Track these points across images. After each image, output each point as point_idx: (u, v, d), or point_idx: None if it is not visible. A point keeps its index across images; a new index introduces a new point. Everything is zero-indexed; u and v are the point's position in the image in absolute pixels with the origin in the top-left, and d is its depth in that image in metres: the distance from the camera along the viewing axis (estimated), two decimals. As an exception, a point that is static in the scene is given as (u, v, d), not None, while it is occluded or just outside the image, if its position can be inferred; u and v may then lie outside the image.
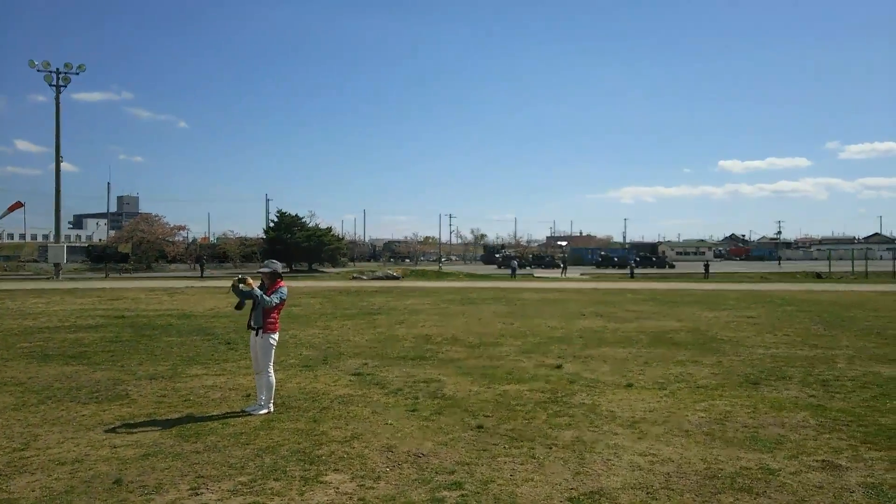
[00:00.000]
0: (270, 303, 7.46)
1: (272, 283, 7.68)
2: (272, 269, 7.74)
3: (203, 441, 6.35)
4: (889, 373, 9.80)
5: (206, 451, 6.02)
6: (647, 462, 5.72)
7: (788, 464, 5.64)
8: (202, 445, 6.21)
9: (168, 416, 7.38)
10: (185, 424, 6.99)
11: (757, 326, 15.90)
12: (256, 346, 7.56)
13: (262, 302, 7.42)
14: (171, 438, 6.42)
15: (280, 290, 7.62)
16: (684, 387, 8.94)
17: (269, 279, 7.71)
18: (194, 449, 6.09)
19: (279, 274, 7.81)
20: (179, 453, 5.93)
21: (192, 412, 7.56)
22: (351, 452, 6.00)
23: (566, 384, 9.09)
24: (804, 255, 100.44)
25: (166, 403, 7.99)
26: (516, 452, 5.99)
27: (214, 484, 5.15)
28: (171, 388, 8.89)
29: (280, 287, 7.66)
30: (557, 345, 12.86)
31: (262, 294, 7.44)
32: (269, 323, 7.53)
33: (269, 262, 7.87)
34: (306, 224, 60.18)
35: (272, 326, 7.57)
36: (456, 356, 11.55)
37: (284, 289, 7.71)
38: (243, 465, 5.63)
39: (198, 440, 6.38)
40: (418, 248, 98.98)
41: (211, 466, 5.57)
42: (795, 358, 11.27)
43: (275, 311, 7.60)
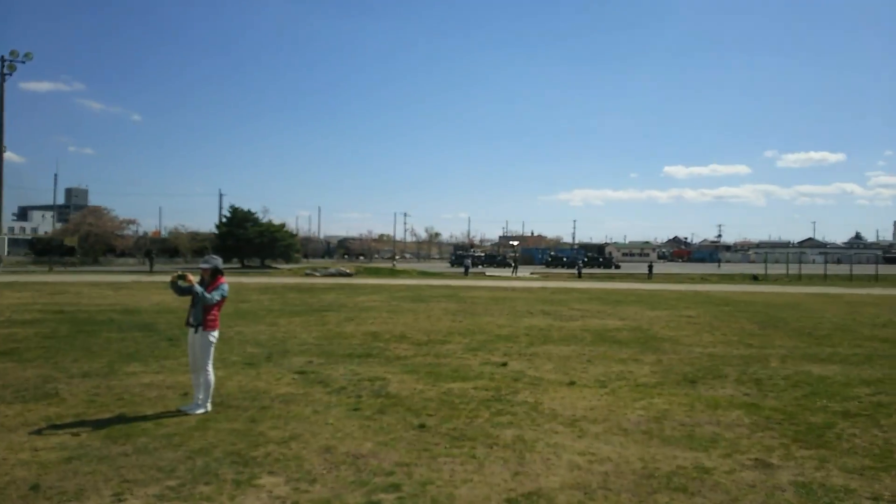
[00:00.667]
0: (211, 299, 7.25)
1: (213, 280, 7.46)
2: (213, 265, 7.53)
3: (133, 443, 6.12)
4: (819, 372, 10.15)
5: (134, 454, 5.80)
6: (585, 461, 5.76)
7: (722, 462, 5.76)
8: (131, 447, 5.98)
9: (98, 416, 7.09)
10: (116, 425, 6.72)
11: (696, 326, 16.30)
12: (195, 344, 7.35)
13: (202, 298, 7.21)
14: (98, 440, 6.16)
15: (221, 287, 7.42)
16: (625, 385, 9.07)
17: (209, 275, 7.50)
18: (122, 451, 5.86)
19: (220, 270, 7.60)
20: (106, 456, 5.69)
21: (125, 412, 7.29)
22: (288, 454, 5.86)
23: (510, 382, 9.12)
24: (742, 258, 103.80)
25: (98, 403, 7.67)
26: (457, 452, 5.96)
27: (140, 489, 4.96)
28: (105, 387, 8.56)
29: (221, 283, 7.45)
30: (504, 343, 12.92)
31: (202, 290, 7.23)
32: (209, 320, 7.32)
33: (209, 258, 7.65)
34: (259, 220, 59.31)
35: (212, 324, 7.36)
36: (403, 354, 11.48)
37: (226, 285, 7.51)
38: (173, 468, 5.44)
39: (127, 442, 6.14)
40: (373, 246, 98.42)
41: (138, 470, 5.36)
42: (731, 357, 11.57)
43: (215, 308, 7.40)
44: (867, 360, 11.27)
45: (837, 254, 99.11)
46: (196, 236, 66.26)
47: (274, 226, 59.46)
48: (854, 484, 5.25)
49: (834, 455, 6.00)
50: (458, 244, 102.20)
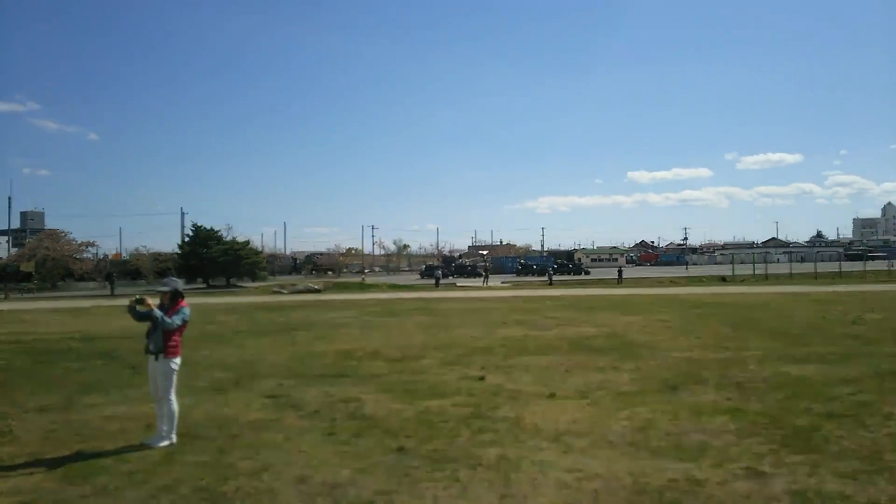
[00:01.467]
0: (172, 324, 6.88)
1: (173, 303, 7.09)
2: (173, 288, 7.16)
3: (92, 483, 5.71)
4: (798, 373, 10.11)
5: (93, 496, 5.41)
6: (574, 479, 5.53)
7: (714, 473, 5.58)
8: (90, 488, 5.58)
9: (55, 454, 6.63)
10: (74, 463, 6.30)
11: (671, 330, 16.27)
12: (156, 373, 6.95)
13: (162, 324, 6.83)
14: (54, 482, 5.74)
15: (182, 311, 7.05)
16: (606, 394, 8.89)
17: (169, 299, 7.12)
18: (80, 493, 5.46)
19: (181, 293, 7.23)
20: (62, 499, 5.29)
21: (84, 448, 6.85)
22: (260, 487, 5.53)
23: (490, 397, 8.88)
24: (709, 260, 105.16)
25: (55, 439, 7.21)
26: (439, 476, 5.68)
27: (101, 534, 4.59)
28: (63, 421, 8.08)
29: (182, 307, 7.08)
30: (480, 355, 12.68)
31: (162, 315, 6.85)
32: (170, 346, 6.94)
33: (168, 280, 7.28)
34: (223, 238, 58.24)
35: (174, 350, 6.98)
36: (377, 372, 11.16)
37: (187, 309, 7.14)
38: (137, 508, 5.07)
39: (85, 482, 5.74)
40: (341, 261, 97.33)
41: (99, 513, 4.99)
42: (709, 361, 11.50)
43: (176, 333, 7.02)
44: (843, 359, 11.28)
45: (801, 252, 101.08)
46: (158, 257, 64.86)
47: (238, 243, 58.48)
48: (849, 489, 5.11)
49: (825, 459, 5.86)
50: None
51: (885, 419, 7.23)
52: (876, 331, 15.13)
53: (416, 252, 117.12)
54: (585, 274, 68.27)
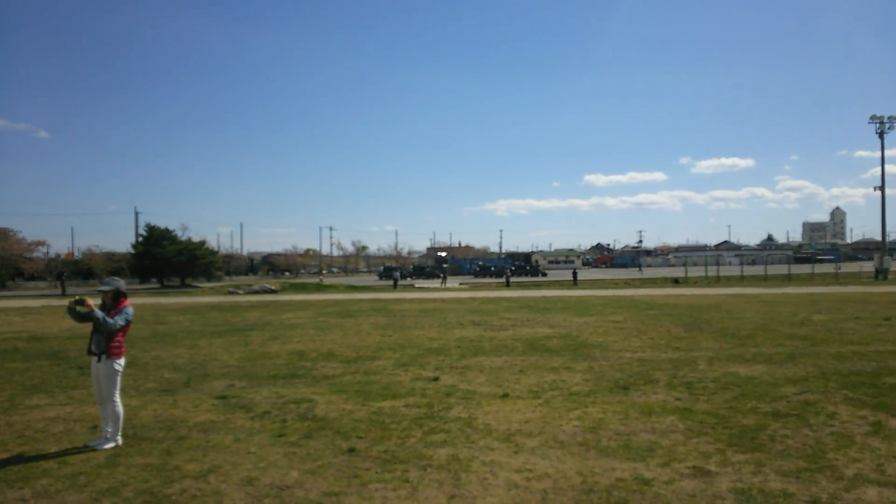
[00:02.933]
0: (114, 325, 6.67)
1: (115, 303, 6.87)
2: (114, 287, 6.94)
3: (32, 486, 5.50)
4: (746, 373, 10.34)
5: (33, 499, 5.20)
6: (523, 479, 5.53)
7: (661, 472, 5.65)
8: (30, 491, 5.37)
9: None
10: (14, 466, 6.07)
11: (624, 331, 16.49)
12: (99, 374, 6.74)
13: (103, 324, 6.61)
14: (-13, 487, 5.50)
15: (125, 311, 6.84)
16: (558, 395, 8.94)
17: (111, 298, 6.90)
18: (19, 497, 5.25)
19: (123, 293, 7.02)
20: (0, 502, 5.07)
21: (25, 450, 6.61)
22: (206, 489, 5.38)
23: (443, 397, 8.84)
24: (663, 262, 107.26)
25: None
26: (389, 477, 5.62)
27: (34, 541, 4.40)
28: (4, 423, 7.82)
29: (125, 307, 6.87)
30: (435, 356, 12.64)
31: (104, 316, 6.64)
32: (113, 347, 6.73)
33: (110, 280, 7.05)
34: (178, 237, 57.14)
35: (117, 351, 6.78)
36: (331, 372, 11.02)
37: (130, 309, 6.92)
38: (74, 513, 4.88)
39: (25, 485, 5.52)
40: (298, 261, 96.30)
41: (33, 518, 4.79)
42: (661, 361, 11.68)
43: (119, 334, 6.81)
44: (790, 359, 11.58)
45: (752, 255, 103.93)
46: (112, 256, 63.49)
47: (193, 243, 57.39)
48: (792, 488, 5.22)
49: (769, 458, 5.99)
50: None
51: (828, 418, 7.42)
52: (822, 331, 15.59)
53: (375, 253, 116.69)
54: (542, 276, 68.92)
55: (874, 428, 6.96)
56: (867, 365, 10.87)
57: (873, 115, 56.44)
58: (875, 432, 6.80)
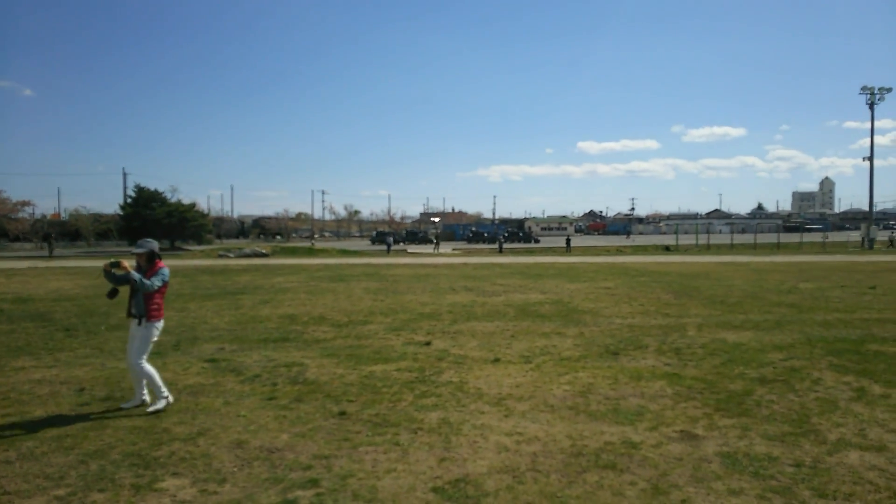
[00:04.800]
0: (152, 286, 6.60)
1: (150, 265, 6.82)
2: (148, 249, 6.86)
3: (17, 448, 5.49)
4: (734, 339, 10.41)
5: (18, 461, 5.19)
6: (513, 442, 5.57)
7: (649, 436, 5.70)
8: (15, 453, 5.36)
9: (-23, 419, 6.36)
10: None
11: (614, 297, 16.56)
12: (136, 336, 6.71)
13: (141, 286, 6.54)
14: (-26, 448, 5.49)
15: (161, 272, 6.77)
16: (549, 360, 8.98)
17: (145, 260, 6.84)
18: (4, 458, 5.24)
19: (157, 254, 6.94)
20: (-18, 466, 5.06)
21: (10, 413, 6.59)
22: (195, 451, 5.39)
23: (434, 362, 8.87)
24: (654, 230, 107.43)
25: (-22, 404, 6.90)
26: (380, 440, 5.64)
27: (23, 501, 4.40)
28: (-12, 386, 7.76)
29: (160, 268, 6.80)
30: (427, 321, 12.66)
31: (140, 277, 6.56)
32: (152, 310, 6.69)
33: (143, 242, 6.95)
34: (167, 199, 56.57)
35: (156, 313, 6.74)
36: (322, 336, 11.03)
37: (166, 269, 6.86)
38: (63, 474, 4.88)
39: (10, 447, 5.51)
40: (290, 225, 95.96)
41: (22, 479, 4.79)
42: (650, 327, 11.75)
43: (157, 295, 6.77)
44: (777, 326, 11.67)
45: (742, 224, 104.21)
46: (99, 218, 62.89)
47: (183, 206, 56.90)
48: (776, 451, 5.28)
49: (755, 422, 6.05)
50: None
51: (813, 384, 7.50)
52: (809, 299, 15.70)
53: (368, 218, 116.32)
54: (535, 242, 68.98)
55: (857, 394, 7.04)
56: (852, 332, 10.97)
57: (864, 86, 56.26)
58: (858, 398, 6.88)
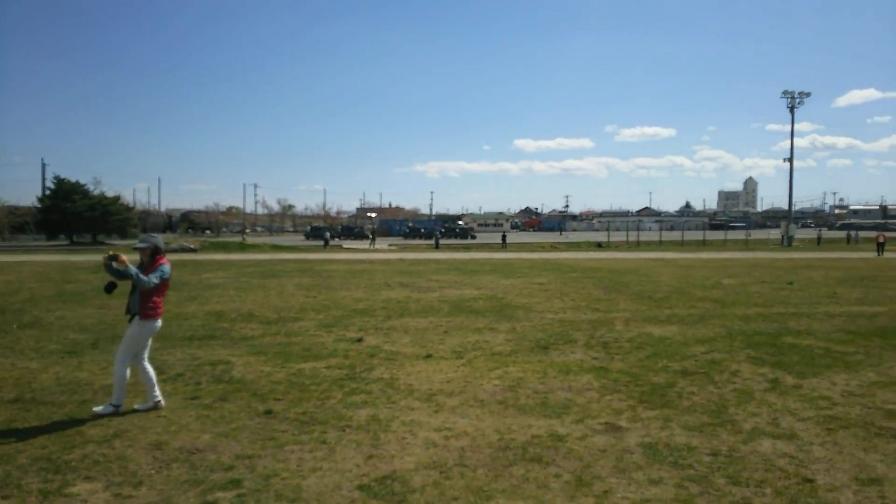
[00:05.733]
0: (148, 283, 6.24)
1: (152, 261, 6.47)
2: (152, 244, 6.53)
3: (-88, 455, 5.12)
4: (659, 333, 10.73)
5: (-87, 469, 4.84)
6: (442, 438, 5.56)
7: (575, 428, 5.79)
8: None
9: None
10: None
11: (547, 293, 16.82)
12: (130, 335, 6.37)
13: (138, 282, 6.18)
14: None
15: (160, 269, 6.42)
16: (480, 355, 9.03)
17: (148, 256, 6.50)
18: None
19: (160, 249, 6.60)
20: None
21: None
22: (110, 454, 5.15)
23: (366, 358, 8.78)
24: (588, 227, 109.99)
25: None
26: (306, 439, 5.53)
27: (-86, 512, 4.11)
28: None
29: (161, 265, 6.45)
30: (360, 317, 12.53)
31: (137, 272, 6.20)
32: (148, 308, 6.34)
33: (147, 237, 6.63)
34: (90, 192, 54.13)
35: (152, 312, 6.39)
36: (250, 334, 10.76)
37: (166, 267, 6.50)
38: (-38, 482, 4.58)
39: None
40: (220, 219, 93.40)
41: (-85, 489, 4.46)
42: (580, 322, 11.97)
43: (156, 294, 6.42)
44: (700, 320, 12.09)
45: (671, 221, 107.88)
46: (15, 211, 59.76)
47: (107, 199, 54.62)
48: (695, 441, 5.45)
49: (676, 414, 6.24)
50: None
51: (732, 375, 7.79)
52: (731, 294, 16.35)
53: (302, 212, 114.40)
54: (472, 238, 69.47)
55: (772, 384, 7.36)
56: (769, 326, 11.48)
57: (785, 91, 59.20)
58: (772, 388, 7.19)
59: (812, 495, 4.42)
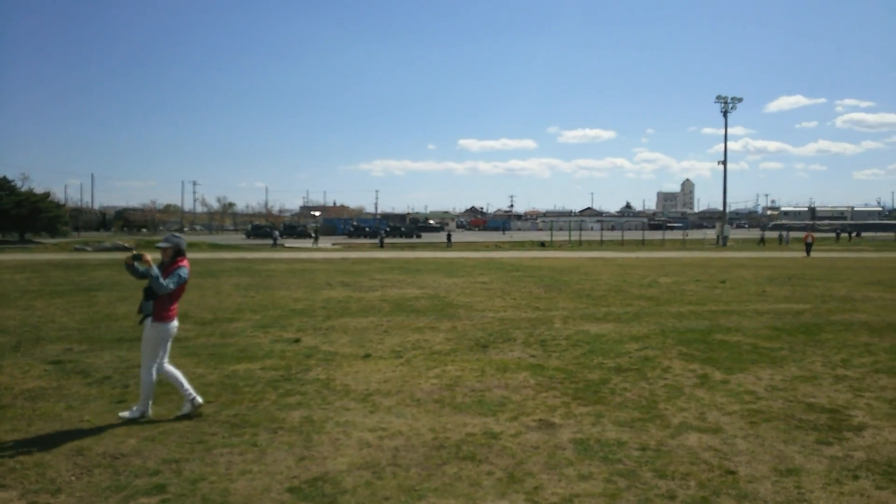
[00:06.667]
0: (166, 287, 5.96)
1: (172, 262, 6.19)
2: (174, 244, 6.25)
3: None
4: (596, 331, 10.93)
5: None
6: (376, 438, 5.52)
7: (509, 426, 5.84)
8: None
9: None
10: None
11: (489, 292, 16.94)
12: (148, 338, 6.11)
13: (157, 285, 5.90)
14: None
15: (179, 271, 6.12)
16: (420, 354, 9.02)
17: (169, 257, 6.21)
18: None
19: (182, 251, 6.30)
20: None
21: None
22: (27, 461, 4.93)
23: (302, 359, 8.65)
24: (531, 226, 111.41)
25: None
26: (236, 441, 5.41)
27: None
28: None
29: (180, 266, 6.17)
30: (299, 317, 12.35)
31: (158, 275, 5.92)
32: (164, 310, 6.07)
33: (170, 236, 6.33)
34: (17, 188, 51.68)
35: (167, 314, 6.11)
36: (183, 335, 10.41)
37: (185, 269, 6.21)
38: None
39: None
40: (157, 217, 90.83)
41: None
42: (520, 320, 12.10)
43: (172, 296, 6.14)
44: (636, 318, 12.39)
45: (611, 221, 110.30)
46: (-66, 207, 56.45)
47: (35, 195, 52.23)
48: (625, 436, 5.57)
49: (608, 410, 6.36)
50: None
51: (663, 372, 8.00)
52: (667, 293, 16.80)
53: (243, 211, 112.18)
54: (417, 237, 69.42)
55: (701, 380, 7.59)
56: (701, 323, 11.85)
57: (719, 96, 61.22)
58: (701, 384, 7.42)
59: (733, 486, 4.58)
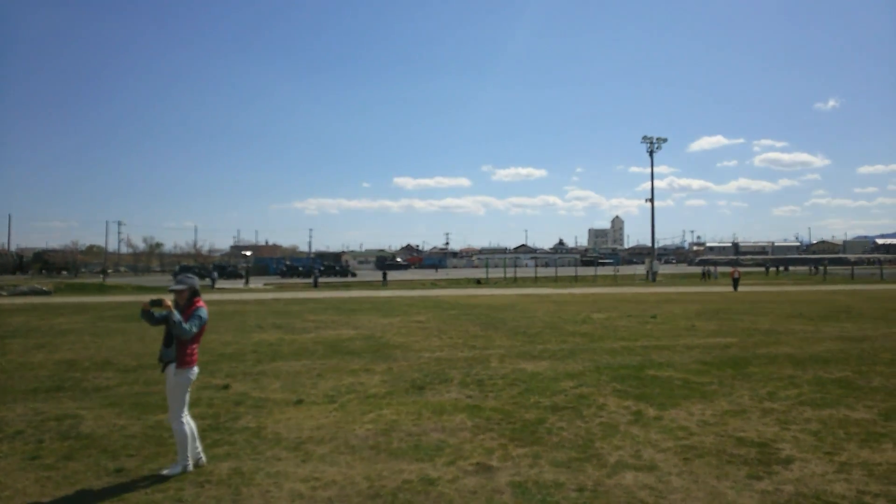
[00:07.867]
0: (189, 332, 5.60)
1: (189, 304, 5.80)
2: (190, 286, 5.87)
3: None
4: (532, 369, 10.99)
5: None
6: (308, 489, 5.33)
7: (447, 471, 5.75)
8: None
9: None
10: None
11: (426, 331, 16.85)
12: (172, 386, 5.72)
13: (178, 329, 5.51)
14: None
15: (198, 313, 5.76)
16: (354, 398, 8.83)
17: (186, 298, 5.82)
18: None
19: (198, 291, 5.95)
20: None
21: None
22: (-78, 531, 4.52)
23: (231, 406, 8.33)
24: (467, 263, 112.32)
25: None
26: (160, 497, 5.13)
27: None
28: None
29: (198, 308, 5.79)
30: (228, 362, 11.93)
31: (180, 320, 5.54)
32: (186, 355, 5.69)
33: (184, 278, 5.94)
34: (-80, 228, 48.68)
35: (190, 359, 5.74)
36: (104, 384, 9.94)
37: (204, 310, 5.84)
38: None
39: None
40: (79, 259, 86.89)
41: None
42: (457, 360, 12.05)
43: (193, 340, 5.76)
44: (570, 355, 12.53)
45: (545, 258, 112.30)
46: None
47: (-53, 237, 49.40)
48: (563, 477, 5.56)
49: (545, 450, 6.35)
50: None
51: (598, 409, 8.08)
52: (600, 329, 17.10)
53: (171, 251, 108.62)
54: (352, 276, 68.76)
55: (635, 417, 7.70)
56: (634, 359, 12.08)
57: (644, 136, 63.91)
58: (636, 421, 7.52)
59: (668, 524, 4.61)
